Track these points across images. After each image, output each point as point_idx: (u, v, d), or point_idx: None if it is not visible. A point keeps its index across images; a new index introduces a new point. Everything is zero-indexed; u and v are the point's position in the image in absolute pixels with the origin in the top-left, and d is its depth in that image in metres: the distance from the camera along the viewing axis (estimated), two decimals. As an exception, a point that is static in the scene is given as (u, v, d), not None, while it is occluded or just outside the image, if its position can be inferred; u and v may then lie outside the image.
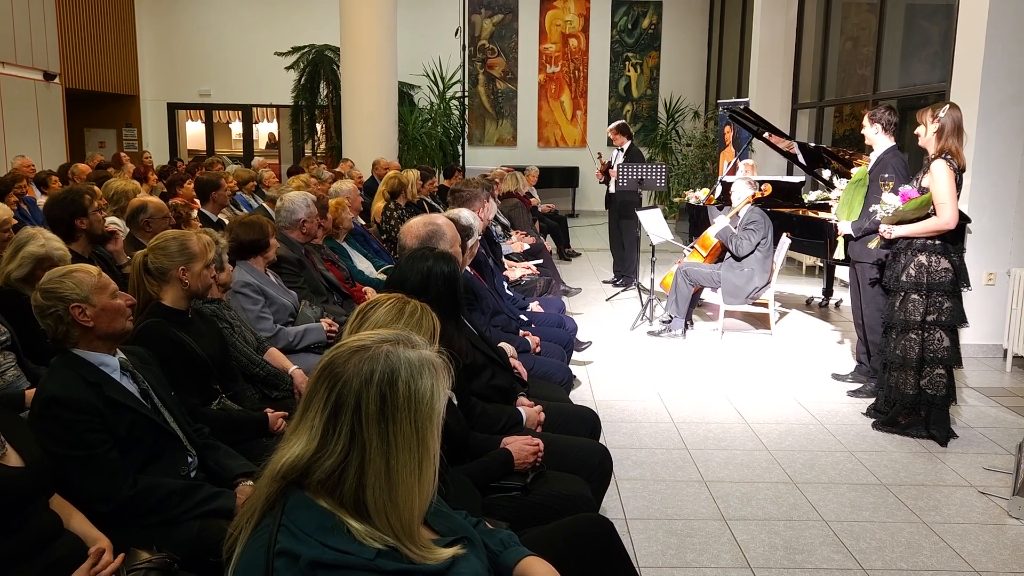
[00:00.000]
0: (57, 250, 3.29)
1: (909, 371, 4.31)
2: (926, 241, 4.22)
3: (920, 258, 4.23)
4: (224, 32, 15.09)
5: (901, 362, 4.32)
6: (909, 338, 4.29)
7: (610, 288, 8.28)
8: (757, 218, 6.23)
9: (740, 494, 3.71)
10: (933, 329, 4.26)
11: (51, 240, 3.31)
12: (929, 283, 4.21)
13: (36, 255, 3.23)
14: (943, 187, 4.10)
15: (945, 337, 4.26)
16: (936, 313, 4.23)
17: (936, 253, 4.21)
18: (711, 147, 12.95)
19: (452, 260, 2.55)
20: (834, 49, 9.97)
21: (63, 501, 2.12)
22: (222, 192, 6.01)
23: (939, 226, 4.15)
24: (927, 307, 4.23)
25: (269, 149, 18.35)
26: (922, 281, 4.22)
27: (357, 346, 1.32)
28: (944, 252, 4.22)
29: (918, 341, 4.27)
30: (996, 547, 3.25)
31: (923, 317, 4.24)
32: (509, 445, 2.52)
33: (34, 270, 3.20)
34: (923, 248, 4.23)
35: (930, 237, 4.21)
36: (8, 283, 3.20)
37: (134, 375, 2.38)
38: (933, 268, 4.21)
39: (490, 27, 15.23)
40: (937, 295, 4.22)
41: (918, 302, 4.24)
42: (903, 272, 4.28)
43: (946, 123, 4.16)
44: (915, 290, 4.24)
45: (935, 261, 4.21)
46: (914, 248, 4.26)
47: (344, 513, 1.28)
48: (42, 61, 11.68)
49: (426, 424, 1.30)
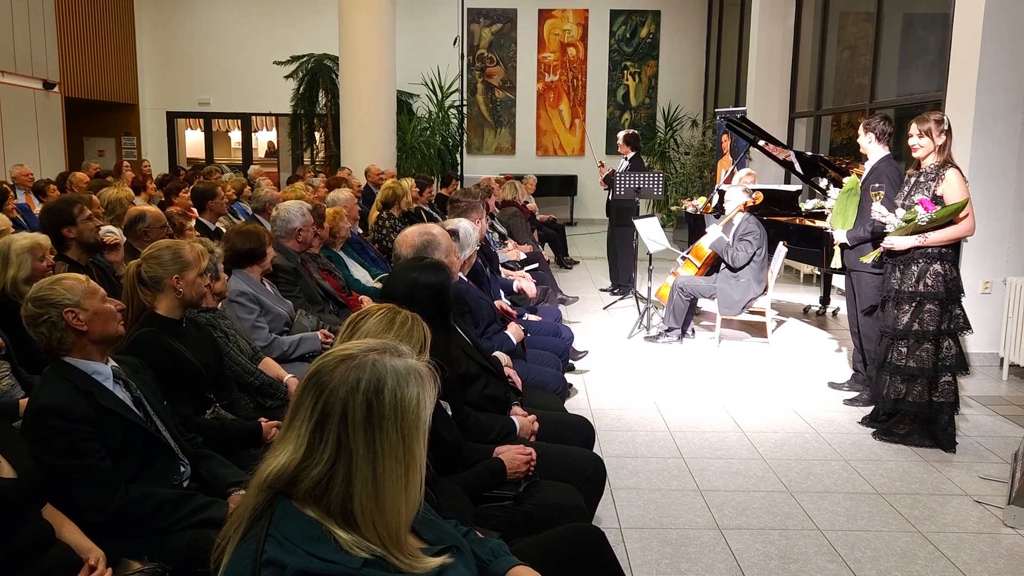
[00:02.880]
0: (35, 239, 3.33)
1: (924, 381, 4.28)
2: (942, 250, 4.21)
3: (936, 267, 4.20)
4: (223, 41, 15.14)
5: (918, 373, 4.27)
6: (925, 348, 4.25)
7: (607, 297, 8.29)
8: (753, 228, 6.23)
9: (735, 503, 3.71)
10: (945, 337, 4.26)
11: (18, 237, 3.37)
12: (948, 291, 4.21)
13: (26, 247, 3.27)
14: (962, 196, 4.13)
15: (954, 344, 4.27)
16: (948, 321, 4.23)
17: (949, 262, 4.22)
18: (709, 156, 12.97)
19: (442, 270, 2.56)
20: (831, 58, 10.00)
21: (55, 511, 2.12)
22: (218, 201, 6.01)
23: (963, 233, 4.19)
24: (942, 316, 4.22)
25: (268, 157, 18.40)
26: (940, 291, 4.20)
27: (343, 355, 1.33)
28: (954, 260, 4.24)
29: (932, 351, 4.25)
30: (991, 556, 3.25)
31: (938, 326, 4.22)
32: (502, 454, 2.52)
33: (32, 263, 3.25)
34: (939, 257, 4.21)
35: (945, 246, 4.20)
36: (14, 289, 3.21)
37: (127, 384, 2.38)
38: (948, 277, 4.21)
39: (489, 36, 15.27)
40: (950, 304, 4.22)
41: (935, 312, 4.21)
42: (919, 282, 4.22)
43: (951, 134, 4.21)
44: (932, 299, 4.21)
45: (949, 269, 4.21)
46: (929, 257, 4.21)
47: (331, 523, 1.28)
48: (41, 70, 11.71)
49: (412, 432, 1.30)
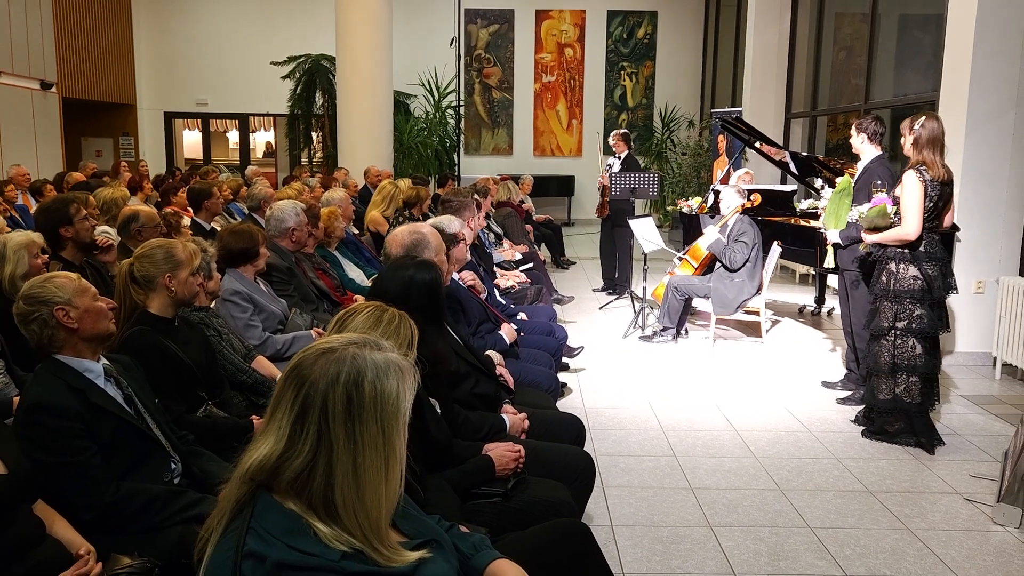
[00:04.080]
0: (29, 236, 3.36)
1: (882, 377, 4.37)
2: (896, 249, 4.29)
3: (890, 266, 4.31)
4: (221, 42, 15.14)
5: (875, 368, 4.40)
6: (881, 344, 4.36)
7: (603, 296, 8.31)
8: (747, 228, 6.25)
9: (727, 501, 3.73)
10: (905, 336, 4.30)
11: (13, 234, 3.39)
12: (897, 290, 4.27)
13: (22, 243, 3.29)
14: (909, 198, 4.16)
15: (918, 345, 4.29)
16: (906, 320, 4.28)
17: (904, 261, 4.27)
18: (705, 156, 13.00)
19: (433, 268, 2.58)
20: (827, 59, 10.02)
21: (46, 507, 2.13)
22: (214, 201, 6.03)
23: (900, 236, 4.21)
24: (896, 313, 4.29)
25: (266, 158, 18.39)
26: (891, 288, 4.29)
27: (324, 348, 1.35)
28: (913, 260, 4.26)
29: (889, 347, 4.33)
30: (979, 554, 3.27)
31: (892, 324, 4.30)
32: (490, 452, 2.54)
33: (29, 260, 3.28)
34: (893, 256, 4.31)
35: (897, 246, 4.27)
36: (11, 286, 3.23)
37: (118, 381, 2.40)
38: (901, 275, 4.27)
39: (486, 37, 15.29)
40: (907, 302, 4.27)
41: (888, 309, 4.32)
42: (877, 280, 4.37)
43: (920, 134, 4.19)
44: (885, 297, 4.32)
45: (903, 269, 4.27)
46: (887, 256, 4.34)
47: (312, 516, 1.30)
48: (39, 70, 11.72)
49: (392, 424, 1.32)
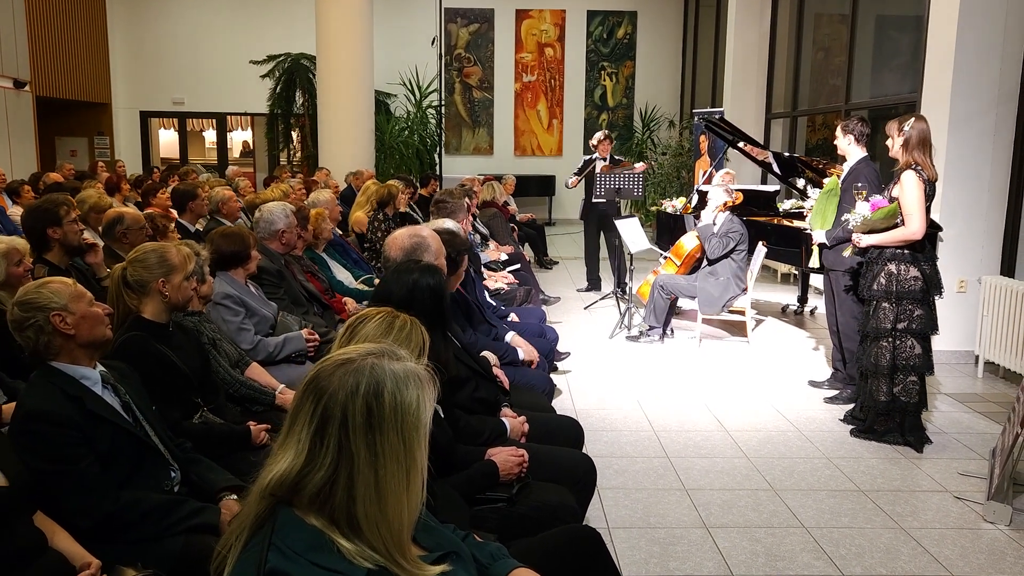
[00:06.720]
0: (12, 244, 3.29)
1: (882, 378, 4.38)
2: (895, 250, 4.29)
3: (890, 267, 4.30)
4: (198, 40, 14.96)
5: (874, 370, 4.40)
6: (881, 346, 4.37)
7: (588, 296, 8.32)
8: (737, 227, 6.28)
9: (721, 502, 3.74)
10: (904, 337, 4.33)
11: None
12: (899, 291, 4.29)
13: (1, 252, 3.22)
14: (911, 197, 4.17)
15: (917, 345, 4.33)
16: (907, 321, 4.30)
17: (905, 262, 4.29)
18: (687, 156, 13.05)
19: (437, 272, 2.56)
20: (807, 60, 10.11)
21: (47, 519, 2.09)
22: (199, 202, 5.94)
23: (906, 236, 4.22)
24: (897, 315, 4.31)
25: (243, 157, 18.21)
26: (892, 289, 4.29)
27: (342, 359, 1.32)
28: (913, 261, 4.29)
29: (889, 349, 4.34)
30: (972, 551, 3.31)
31: (894, 325, 4.32)
32: (494, 456, 2.53)
33: (7, 268, 3.19)
34: (892, 257, 4.31)
35: (899, 246, 4.28)
36: None
37: (115, 388, 2.36)
38: (902, 276, 4.28)
39: (466, 36, 15.25)
40: (908, 303, 4.29)
41: (888, 310, 4.32)
42: (874, 281, 4.35)
43: (911, 135, 4.22)
44: (886, 298, 4.32)
45: (904, 269, 4.28)
46: (884, 258, 4.33)
47: (335, 531, 1.27)
48: (12, 69, 11.50)
49: (412, 435, 1.30)
